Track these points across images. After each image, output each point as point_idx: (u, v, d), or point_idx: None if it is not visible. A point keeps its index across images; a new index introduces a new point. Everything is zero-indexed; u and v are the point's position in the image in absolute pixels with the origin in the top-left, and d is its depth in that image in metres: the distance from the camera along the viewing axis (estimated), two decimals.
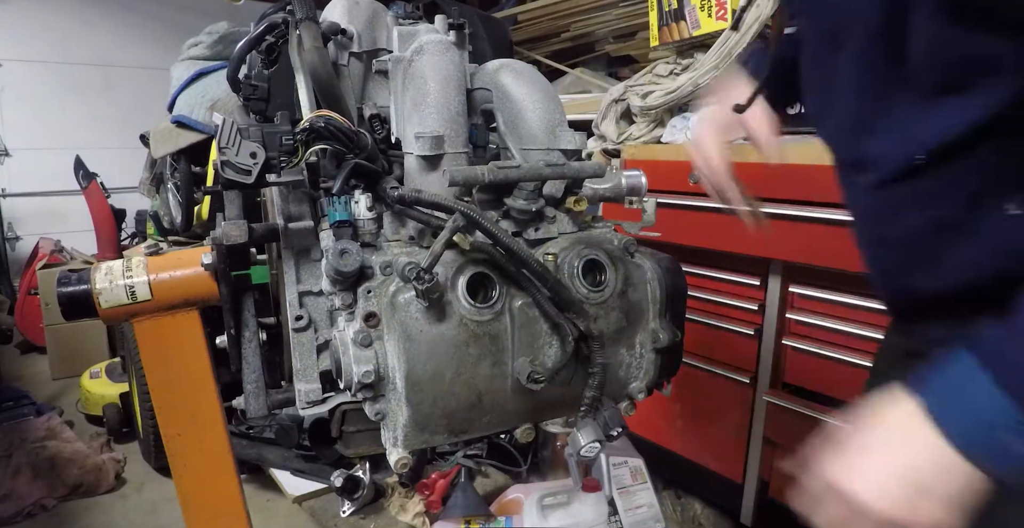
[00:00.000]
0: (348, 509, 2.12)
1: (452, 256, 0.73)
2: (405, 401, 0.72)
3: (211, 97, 2.36)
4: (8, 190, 4.61)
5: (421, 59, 0.81)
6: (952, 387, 0.55)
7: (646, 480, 1.95)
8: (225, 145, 0.70)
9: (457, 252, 0.73)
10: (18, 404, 2.71)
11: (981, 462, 0.53)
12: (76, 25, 4.73)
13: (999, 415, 0.52)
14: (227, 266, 0.84)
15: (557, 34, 3.25)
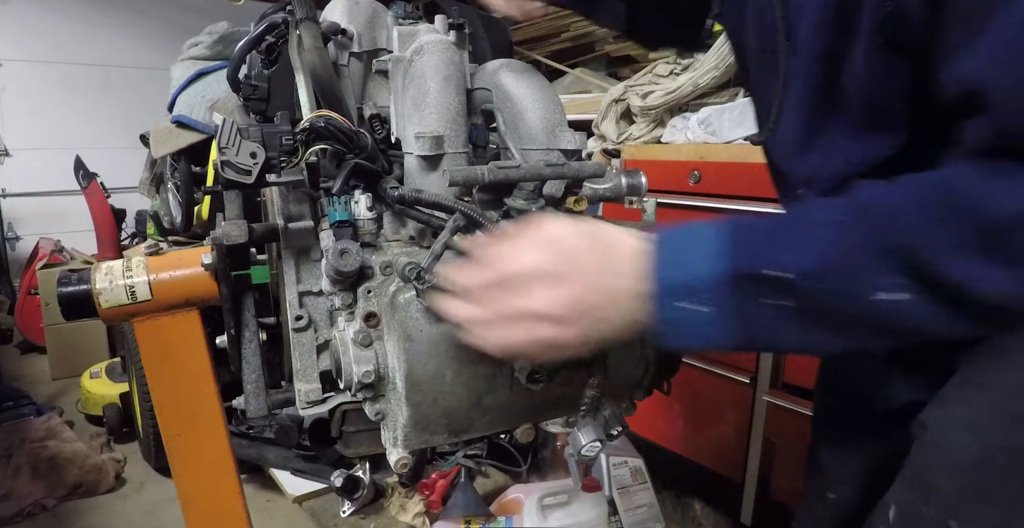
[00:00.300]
0: (348, 509, 2.12)
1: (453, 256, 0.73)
2: (405, 401, 0.72)
3: (211, 97, 2.36)
4: (8, 190, 4.61)
5: (421, 59, 0.81)
6: (690, 243, 0.56)
7: (646, 480, 1.95)
8: (225, 145, 0.70)
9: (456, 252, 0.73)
10: (18, 404, 2.71)
11: (662, 321, 0.55)
12: (76, 25, 4.73)
13: (707, 285, 0.54)
14: (227, 266, 0.84)
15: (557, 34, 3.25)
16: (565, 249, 0.58)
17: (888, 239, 0.51)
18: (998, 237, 0.49)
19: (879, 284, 0.51)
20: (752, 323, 0.55)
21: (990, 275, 0.49)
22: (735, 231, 0.56)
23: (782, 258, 0.53)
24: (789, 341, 0.57)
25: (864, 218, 0.53)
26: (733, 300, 0.54)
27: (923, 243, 0.50)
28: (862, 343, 0.58)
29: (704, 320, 0.54)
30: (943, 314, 0.52)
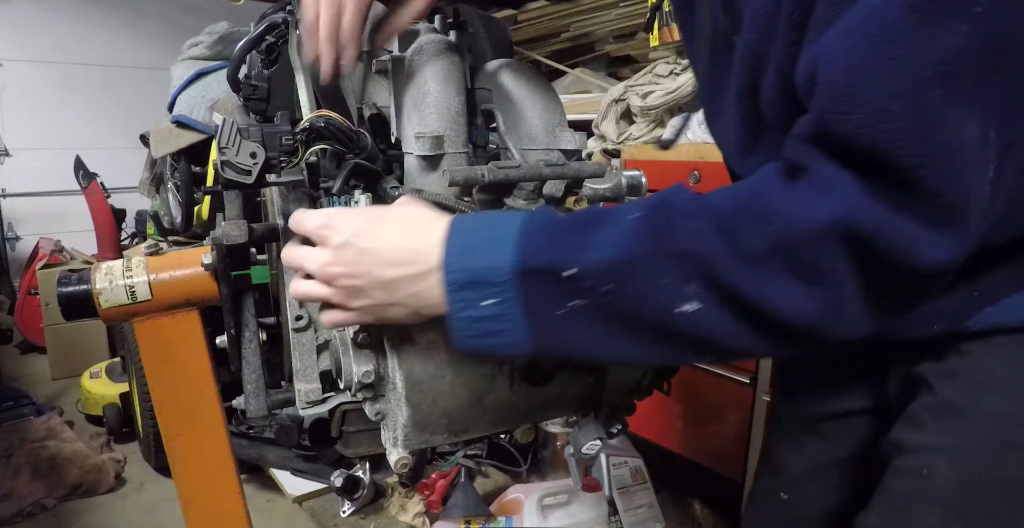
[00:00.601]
0: (348, 509, 2.12)
1: None
2: (405, 401, 0.72)
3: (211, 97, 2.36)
4: (8, 190, 4.60)
5: (421, 59, 0.81)
6: (483, 231, 0.55)
7: (646, 480, 1.95)
8: (225, 145, 0.70)
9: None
10: (18, 404, 2.71)
11: (452, 313, 0.53)
12: (76, 25, 4.73)
13: (493, 275, 0.51)
14: (227, 266, 0.84)
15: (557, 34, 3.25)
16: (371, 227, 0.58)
17: (680, 244, 0.49)
18: (792, 253, 0.47)
19: (668, 289, 0.49)
20: (543, 321, 0.52)
21: (784, 291, 0.48)
22: (527, 221, 0.53)
23: (567, 252, 0.51)
24: (587, 345, 0.54)
25: (660, 220, 0.50)
26: (520, 294, 0.51)
27: (715, 252, 0.48)
28: (665, 354, 0.55)
29: (493, 315, 0.52)
30: (735, 327, 0.50)
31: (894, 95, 0.44)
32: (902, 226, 0.45)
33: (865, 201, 0.46)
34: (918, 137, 0.44)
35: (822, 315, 0.49)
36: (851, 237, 0.46)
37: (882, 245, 0.46)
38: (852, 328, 0.51)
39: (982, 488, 0.64)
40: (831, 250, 0.47)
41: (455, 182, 0.74)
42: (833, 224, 0.46)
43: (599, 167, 0.83)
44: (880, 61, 0.44)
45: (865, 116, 0.45)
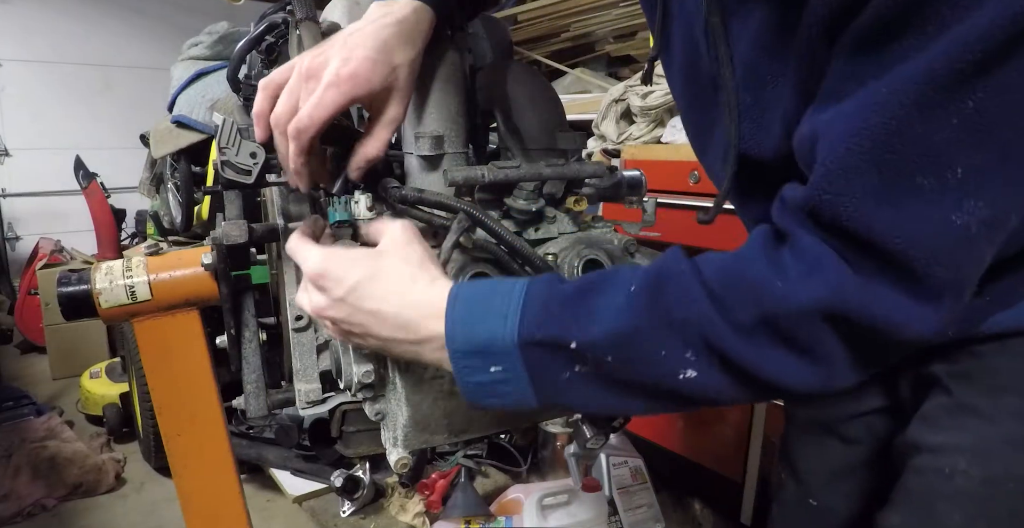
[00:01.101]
0: (348, 509, 2.12)
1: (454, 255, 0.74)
2: (405, 401, 0.72)
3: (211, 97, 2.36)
4: (8, 190, 4.61)
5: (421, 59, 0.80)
6: (484, 303, 0.56)
7: (646, 480, 1.95)
8: (225, 145, 0.70)
9: (459, 251, 0.73)
10: (18, 404, 2.71)
11: (459, 378, 0.56)
12: (76, 25, 4.73)
13: (495, 347, 0.54)
14: (227, 266, 0.84)
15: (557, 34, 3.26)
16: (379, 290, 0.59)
17: (676, 313, 0.51)
18: (780, 328, 0.50)
19: (667, 359, 0.52)
20: (548, 385, 0.55)
21: (777, 361, 0.51)
22: (527, 293, 0.55)
23: (568, 325, 0.53)
24: (592, 403, 0.57)
25: (656, 291, 0.53)
26: (522, 363, 0.54)
27: (709, 322, 0.50)
28: (668, 408, 0.58)
29: (498, 380, 0.55)
30: (733, 389, 0.53)
31: (890, 185, 0.46)
32: (889, 306, 0.48)
33: (851, 282, 0.48)
34: (910, 224, 0.46)
35: (817, 382, 0.52)
36: (837, 317, 0.49)
37: (868, 324, 0.48)
38: (843, 386, 0.54)
39: (1003, 486, 0.65)
40: (818, 328, 0.49)
41: (455, 182, 0.74)
42: (819, 305, 0.48)
43: (599, 167, 0.83)
44: (881, 153, 0.46)
45: (860, 202, 0.47)
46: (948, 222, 0.46)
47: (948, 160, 0.45)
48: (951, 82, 0.43)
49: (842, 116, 0.48)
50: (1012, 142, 0.45)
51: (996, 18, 0.41)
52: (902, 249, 0.46)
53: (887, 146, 0.46)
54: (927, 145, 0.45)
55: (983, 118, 0.44)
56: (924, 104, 0.44)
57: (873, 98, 0.46)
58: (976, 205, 0.46)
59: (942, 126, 0.44)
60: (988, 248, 0.49)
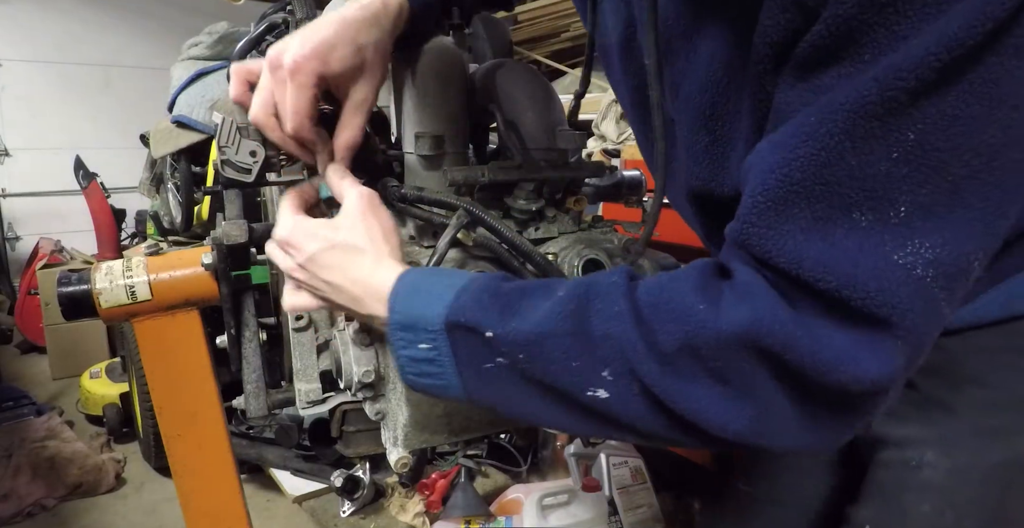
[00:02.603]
0: (348, 509, 2.12)
1: (454, 254, 0.74)
2: (405, 401, 0.72)
3: (211, 97, 2.36)
4: (8, 190, 4.60)
5: (421, 59, 0.80)
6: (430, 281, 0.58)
7: (646, 480, 1.95)
8: (225, 144, 0.70)
9: (459, 250, 0.73)
10: (18, 404, 2.71)
11: (394, 350, 0.57)
12: (76, 25, 4.73)
13: (426, 323, 0.55)
14: (227, 266, 0.84)
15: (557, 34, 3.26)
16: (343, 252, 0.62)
17: (596, 327, 0.49)
18: (700, 356, 0.46)
19: (579, 370, 0.50)
20: (472, 373, 0.55)
21: (698, 395, 0.47)
22: (471, 281, 0.56)
23: (490, 315, 0.53)
24: (514, 403, 0.55)
25: (582, 300, 0.51)
26: (448, 343, 0.54)
27: (629, 341, 0.48)
28: (589, 428, 0.54)
29: (427, 358, 0.55)
30: (652, 418, 0.49)
31: (821, 217, 0.44)
32: (821, 343, 0.44)
33: (780, 314, 0.45)
34: (845, 262, 0.43)
35: (745, 424, 0.47)
36: (761, 349, 0.45)
37: (795, 359, 0.44)
38: (789, 443, 0.49)
39: (969, 475, 0.67)
40: (738, 358, 0.46)
41: (455, 182, 0.74)
42: (740, 333, 0.45)
43: (599, 167, 0.83)
44: (811, 185, 0.44)
45: (789, 237, 0.45)
46: (889, 262, 0.43)
47: (889, 196, 0.42)
48: (884, 111, 0.41)
49: (772, 146, 0.46)
50: (964, 179, 0.42)
51: (931, 47, 0.39)
52: (835, 288, 0.43)
53: (817, 178, 0.43)
54: (863, 179, 0.42)
55: (927, 152, 0.41)
56: (856, 134, 0.42)
57: (801, 127, 0.44)
58: (922, 245, 0.42)
59: (879, 158, 0.42)
60: (943, 295, 0.44)
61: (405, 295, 0.57)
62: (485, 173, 0.74)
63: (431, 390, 0.58)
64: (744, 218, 0.47)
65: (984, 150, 0.42)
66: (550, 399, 0.53)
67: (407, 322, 0.56)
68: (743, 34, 0.52)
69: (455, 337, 0.54)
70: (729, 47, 0.56)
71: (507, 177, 0.75)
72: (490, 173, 0.74)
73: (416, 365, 0.56)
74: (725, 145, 0.61)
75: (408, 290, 0.57)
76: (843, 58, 0.43)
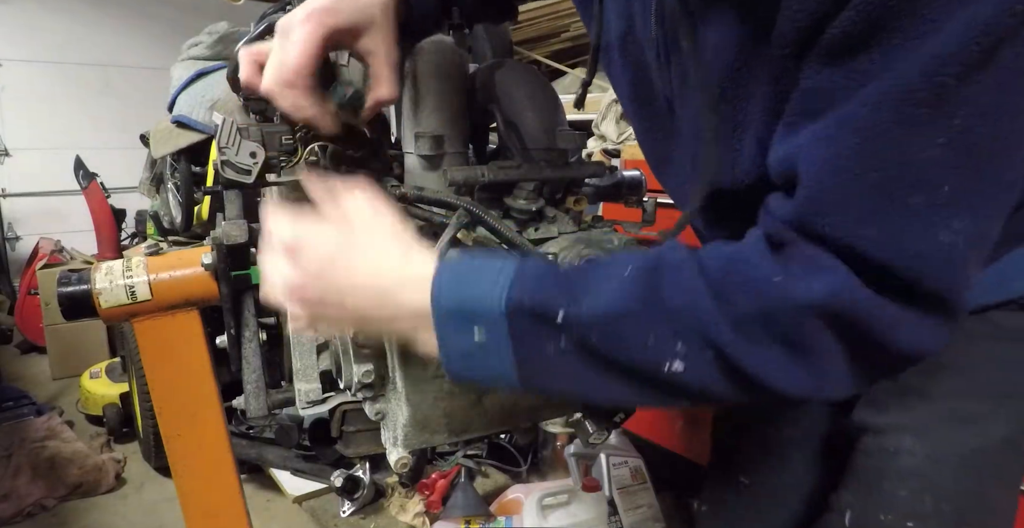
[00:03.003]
0: (348, 509, 2.12)
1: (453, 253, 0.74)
2: (405, 401, 0.72)
3: (211, 97, 2.36)
4: (8, 190, 4.60)
5: (421, 59, 0.80)
6: (478, 269, 0.54)
7: (646, 480, 1.95)
8: (225, 145, 0.70)
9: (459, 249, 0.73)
10: (18, 404, 2.71)
11: (441, 341, 0.53)
12: (76, 25, 4.73)
13: (483, 307, 0.52)
14: (227, 266, 0.84)
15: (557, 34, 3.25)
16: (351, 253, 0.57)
17: (672, 301, 0.50)
18: (780, 324, 0.48)
19: (656, 346, 0.50)
20: (530, 360, 0.52)
21: (772, 360, 0.49)
22: (522, 264, 0.54)
23: (559, 297, 0.51)
24: (574, 387, 0.55)
25: (654, 276, 0.51)
26: (507, 329, 0.51)
27: (706, 312, 0.49)
28: (653, 400, 0.56)
29: (481, 347, 0.52)
30: (722, 386, 0.51)
31: (875, 203, 0.46)
32: (885, 313, 0.47)
33: (854, 284, 0.47)
34: (897, 244, 0.46)
35: (809, 386, 0.51)
36: (838, 316, 0.47)
37: (866, 327, 0.48)
38: (834, 395, 0.53)
39: (946, 460, 0.70)
40: (818, 326, 0.48)
41: (455, 182, 0.74)
42: (822, 301, 0.47)
43: (599, 167, 0.83)
44: (865, 172, 0.45)
45: (845, 221, 0.47)
46: (936, 241, 0.46)
47: (937, 179, 0.45)
48: (932, 97, 0.43)
49: (819, 137, 0.48)
50: (992, 158, 0.45)
51: (970, 31, 0.41)
52: (890, 265, 0.46)
53: (871, 166, 0.45)
54: (915, 164, 0.45)
55: (968, 135, 0.43)
56: (906, 122, 0.44)
57: (850, 118, 0.46)
58: (963, 223, 0.46)
59: (929, 144, 0.44)
60: (974, 266, 0.48)
61: (453, 280, 0.53)
62: (485, 173, 0.74)
63: (479, 380, 0.55)
64: (800, 207, 0.49)
65: (1010, 131, 0.44)
66: (619, 378, 0.52)
67: (458, 308, 0.52)
68: (760, 19, 0.52)
69: (516, 323, 0.51)
70: (742, 33, 0.56)
71: (507, 177, 0.75)
72: (490, 173, 0.74)
73: (466, 359, 0.53)
74: (737, 128, 0.62)
75: (455, 275, 0.54)
76: (873, 45, 0.44)
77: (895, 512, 0.72)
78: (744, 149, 0.62)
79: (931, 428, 0.72)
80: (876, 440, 0.74)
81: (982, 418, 0.70)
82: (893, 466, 0.72)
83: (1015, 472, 0.75)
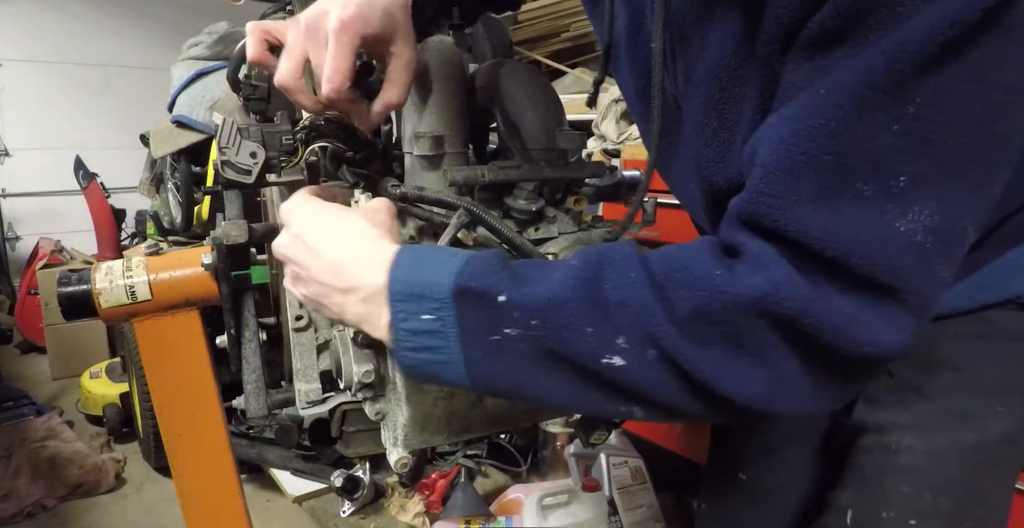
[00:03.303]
0: (348, 509, 2.12)
1: None
2: (405, 401, 0.72)
3: (211, 97, 2.36)
4: (8, 190, 4.60)
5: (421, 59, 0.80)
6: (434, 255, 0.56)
7: (646, 480, 1.95)
8: (225, 145, 0.70)
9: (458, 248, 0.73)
10: (18, 404, 2.71)
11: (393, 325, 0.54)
12: (76, 25, 4.73)
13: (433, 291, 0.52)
14: (227, 266, 0.84)
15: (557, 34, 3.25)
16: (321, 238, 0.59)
17: (612, 294, 0.50)
18: (719, 322, 0.47)
19: (595, 337, 0.50)
20: (476, 344, 0.52)
21: (717, 360, 0.48)
22: (476, 254, 0.55)
23: (502, 281, 0.52)
24: (518, 380, 0.53)
25: (596, 268, 0.51)
26: (454, 310, 0.52)
27: (647, 307, 0.48)
28: (597, 402, 0.53)
29: (430, 329, 0.52)
30: (672, 389, 0.50)
31: (828, 187, 0.45)
32: (831, 309, 0.45)
33: (794, 281, 0.46)
34: (849, 230, 0.45)
35: (760, 393, 0.48)
36: (775, 314, 0.46)
37: (811, 326, 0.46)
38: (795, 407, 0.50)
39: (945, 456, 0.72)
40: (760, 325, 0.47)
41: (455, 182, 0.74)
42: (760, 297, 0.46)
43: (599, 167, 0.83)
44: (820, 155, 0.45)
45: (797, 205, 0.46)
46: (891, 229, 0.45)
47: (890, 167, 0.44)
48: (889, 84, 0.42)
49: (782, 119, 0.48)
50: (953, 149, 0.44)
51: (935, 22, 0.41)
52: (841, 255, 0.45)
53: (825, 148, 0.45)
54: (868, 150, 0.44)
55: (923, 125, 0.43)
56: (863, 106, 0.44)
57: (812, 99, 0.46)
58: (921, 213, 0.44)
59: (882, 131, 0.43)
60: (941, 261, 0.46)
61: (408, 264, 0.54)
62: (485, 173, 0.74)
63: (427, 368, 0.54)
64: (753, 187, 0.48)
65: (973, 124, 0.44)
66: (561, 370, 0.51)
67: (410, 291, 0.53)
68: (754, 18, 0.53)
69: (463, 304, 0.51)
70: (739, 32, 0.57)
71: (507, 177, 0.75)
72: (490, 173, 0.74)
73: (415, 338, 0.53)
74: (732, 128, 0.62)
75: (411, 260, 0.55)
76: (849, 38, 0.44)
77: (897, 509, 0.72)
78: (736, 147, 0.63)
79: (931, 425, 0.72)
80: (876, 438, 0.75)
81: (981, 415, 0.71)
82: (894, 463, 0.73)
83: (1013, 467, 0.76)
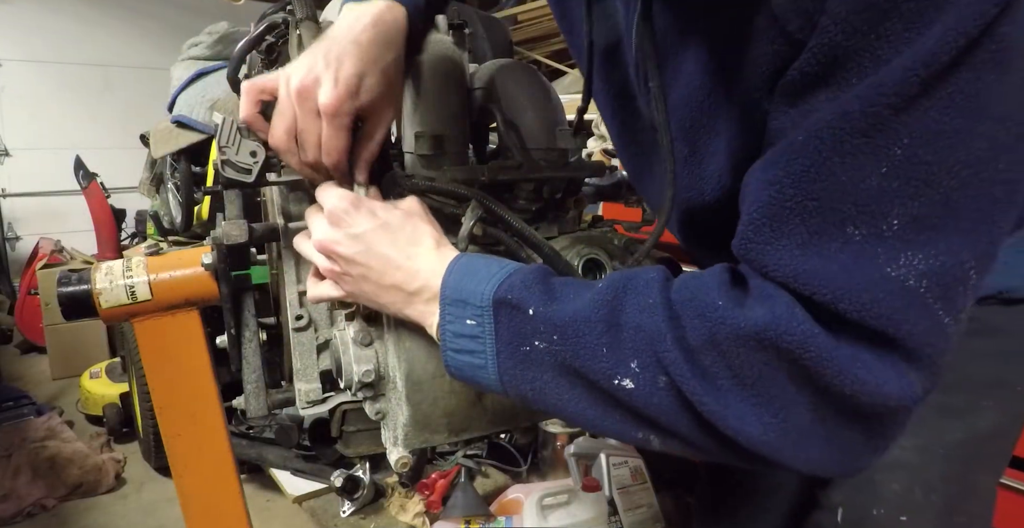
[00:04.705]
0: (348, 509, 2.12)
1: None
2: (405, 400, 0.72)
3: (211, 97, 2.36)
4: (8, 190, 4.61)
5: (421, 59, 0.80)
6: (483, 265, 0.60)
7: (646, 480, 1.95)
8: (225, 144, 0.70)
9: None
10: (18, 404, 2.71)
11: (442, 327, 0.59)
12: (76, 25, 4.74)
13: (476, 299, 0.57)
14: (227, 266, 0.84)
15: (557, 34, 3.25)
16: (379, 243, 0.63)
17: (629, 316, 0.51)
18: (724, 353, 0.47)
19: (609, 358, 0.51)
20: (509, 352, 0.56)
21: (719, 391, 0.47)
22: (519, 267, 0.59)
23: (534, 296, 0.55)
24: (543, 391, 0.55)
25: (619, 292, 0.53)
26: (492, 318, 0.56)
27: (660, 332, 0.49)
28: (613, 422, 0.54)
29: (471, 334, 0.57)
30: (678, 418, 0.49)
31: (816, 232, 0.45)
32: (831, 345, 0.44)
33: (793, 314, 0.45)
34: (839, 276, 0.44)
35: (772, 432, 0.47)
36: (775, 348, 0.45)
37: (812, 364, 0.44)
38: (810, 461, 0.48)
39: (934, 452, 0.72)
40: (757, 358, 0.46)
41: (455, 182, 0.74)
42: (757, 330, 0.45)
43: (599, 167, 0.83)
44: (804, 199, 0.45)
45: (785, 252, 0.46)
46: (881, 274, 0.43)
47: (881, 210, 0.43)
48: (868, 126, 0.42)
49: (765, 164, 0.48)
50: (954, 190, 0.42)
51: (908, 63, 0.40)
52: (831, 301, 0.44)
53: (809, 193, 0.44)
54: (855, 193, 0.43)
55: (915, 166, 0.42)
56: (843, 150, 0.43)
57: (791, 145, 0.46)
58: (915, 257, 0.43)
59: (869, 173, 0.43)
60: (939, 305, 0.44)
61: (459, 274, 0.59)
62: (485, 173, 0.74)
63: (467, 371, 0.58)
64: (742, 234, 0.49)
65: (972, 162, 0.42)
66: (581, 387, 0.53)
67: (458, 297, 0.58)
68: (724, 61, 0.54)
69: (500, 313, 0.56)
70: (709, 71, 0.58)
71: (507, 177, 0.75)
72: (490, 173, 0.74)
73: (459, 340, 0.58)
74: (703, 159, 0.64)
75: (463, 270, 0.60)
76: (830, 83, 0.44)
77: (887, 506, 0.73)
78: (705, 175, 0.65)
79: (920, 420, 0.72)
80: None
81: (968, 410, 0.72)
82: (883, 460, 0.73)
83: (1000, 460, 0.77)
